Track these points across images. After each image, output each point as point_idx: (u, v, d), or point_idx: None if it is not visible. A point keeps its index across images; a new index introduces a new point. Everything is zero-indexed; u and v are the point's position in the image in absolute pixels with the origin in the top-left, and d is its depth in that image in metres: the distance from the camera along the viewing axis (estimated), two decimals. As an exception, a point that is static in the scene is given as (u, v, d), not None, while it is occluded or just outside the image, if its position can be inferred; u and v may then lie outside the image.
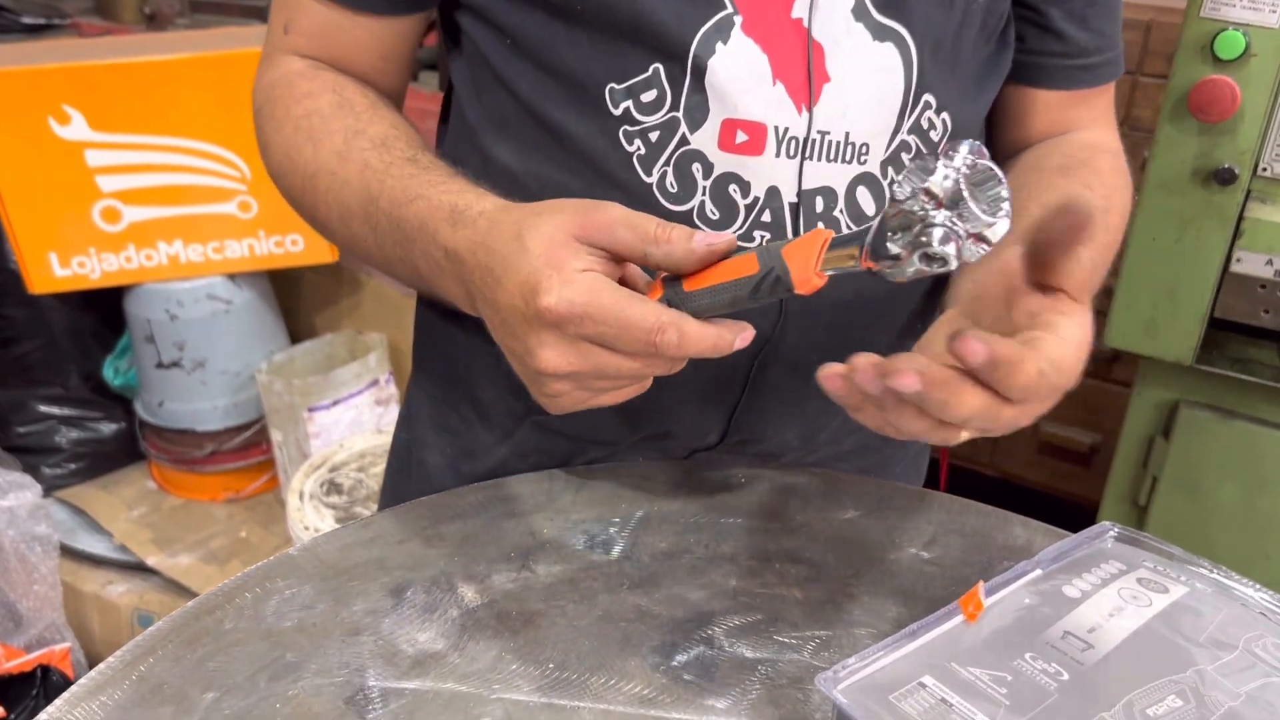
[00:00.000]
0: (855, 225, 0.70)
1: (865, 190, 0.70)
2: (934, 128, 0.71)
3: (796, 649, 0.61)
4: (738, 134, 0.67)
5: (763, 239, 0.69)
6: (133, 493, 2.12)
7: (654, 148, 0.68)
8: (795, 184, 0.68)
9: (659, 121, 0.67)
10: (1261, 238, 1.17)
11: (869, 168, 0.69)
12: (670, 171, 0.68)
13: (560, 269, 0.54)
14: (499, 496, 0.74)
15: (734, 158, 0.67)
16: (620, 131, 0.68)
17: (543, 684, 0.58)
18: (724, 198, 0.68)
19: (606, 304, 0.54)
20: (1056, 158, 0.77)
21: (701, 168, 0.68)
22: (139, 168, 1.83)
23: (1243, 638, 0.60)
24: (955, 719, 0.50)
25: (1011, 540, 0.72)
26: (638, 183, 0.68)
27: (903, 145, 0.70)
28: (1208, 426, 1.29)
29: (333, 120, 0.70)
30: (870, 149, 0.69)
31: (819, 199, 0.69)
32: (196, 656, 0.58)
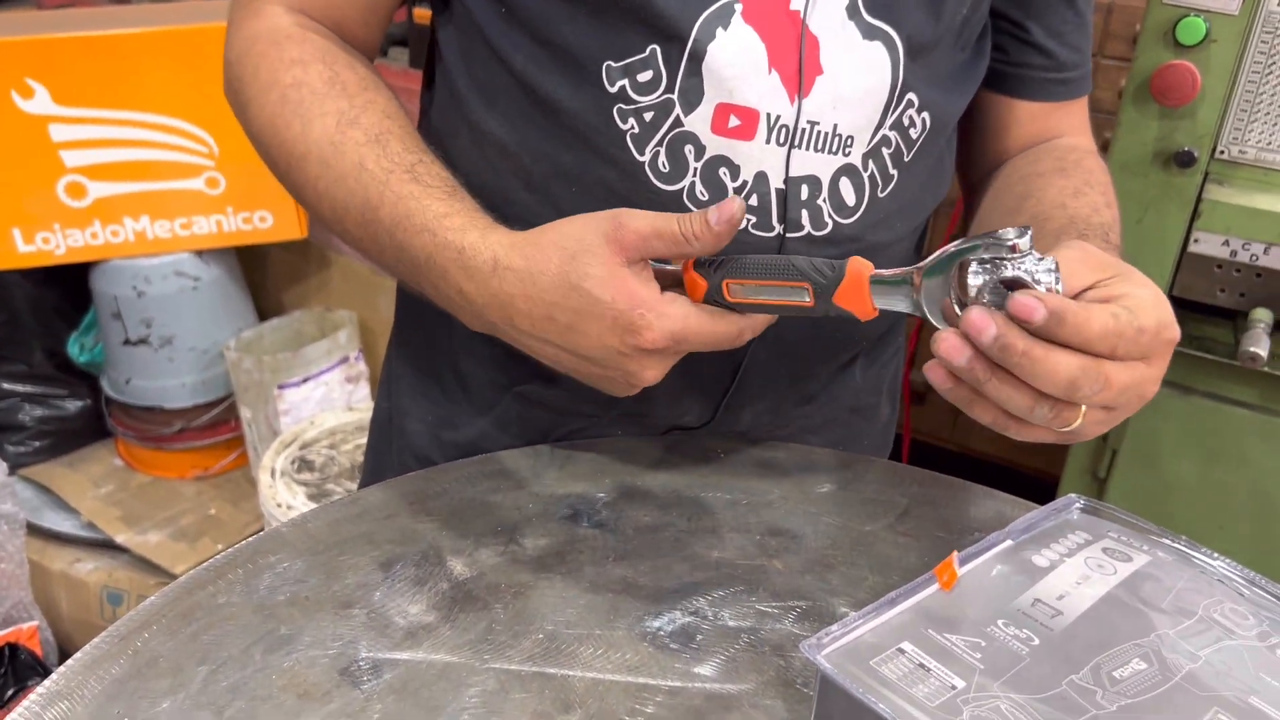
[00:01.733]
0: (836, 214, 0.72)
1: (847, 181, 0.72)
2: (914, 125, 0.73)
3: (778, 618, 0.63)
4: (731, 118, 0.68)
5: (749, 222, 0.70)
6: (100, 470, 2.11)
7: (648, 127, 0.69)
8: (783, 170, 0.70)
9: (654, 102, 0.68)
10: (1219, 219, 1.20)
11: (852, 159, 0.71)
12: (663, 151, 0.69)
13: (646, 305, 0.60)
14: (484, 472, 0.76)
15: (725, 141, 0.69)
16: (615, 109, 0.69)
17: (533, 654, 0.59)
18: (714, 180, 0.70)
19: (699, 328, 0.62)
20: (1050, 162, 0.81)
21: (694, 149, 0.69)
22: (105, 143, 1.81)
23: (1202, 604, 0.63)
24: (933, 682, 0.52)
25: (981, 512, 0.75)
26: (630, 161, 0.70)
27: (883, 140, 0.72)
28: (1165, 402, 1.33)
29: (325, 100, 0.70)
30: (855, 141, 0.71)
31: (804, 187, 0.70)
32: (191, 630, 0.59)
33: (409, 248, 0.66)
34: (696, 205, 0.70)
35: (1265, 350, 1.17)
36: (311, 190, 0.70)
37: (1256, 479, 1.33)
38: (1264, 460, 1.32)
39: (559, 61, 0.69)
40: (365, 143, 0.68)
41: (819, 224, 0.72)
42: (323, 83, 0.71)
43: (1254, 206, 1.19)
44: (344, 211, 0.69)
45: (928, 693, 0.51)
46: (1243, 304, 1.23)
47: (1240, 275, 1.22)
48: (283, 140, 0.71)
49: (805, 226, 0.71)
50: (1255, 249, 1.20)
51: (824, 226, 0.72)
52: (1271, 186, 1.22)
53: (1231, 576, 0.66)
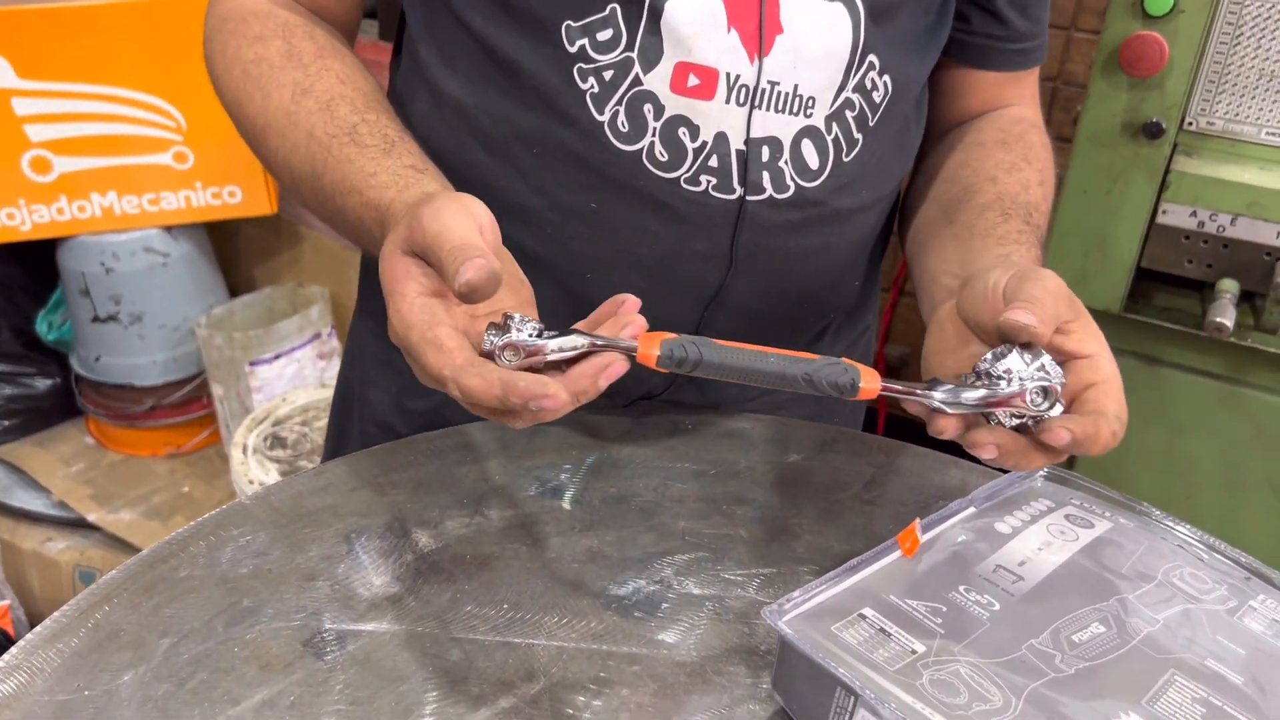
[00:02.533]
0: (799, 177, 0.72)
1: (810, 143, 0.71)
2: (876, 89, 0.73)
3: (742, 585, 0.63)
4: (690, 77, 0.68)
5: (709, 184, 0.70)
6: (70, 449, 2.09)
7: (607, 86, 0.68)
8: (744, 131, 0.69)
9: (613, 61, 0.68)
10: (1186, 190, 1.21)
11: (814, 121, 0.71)
12: (622, 111, 0.69)
13: (395, 289, 0.56)
14: (450, 445, 0.75)
15: (685, 101, 0.68)
16: (575, 69, 0.68)
17: (498, 624, 0.59)
18: (673, 140, 0.69)
19: (412, 340, 0.54)
20: (994, 133, 0.82)
21: (653, 109, 0.69)
22: (70, 117, 1.78)
23: (1161, 568, 0.63)
24: (894, 647, 0.53)
25: (947, 480, 0.75)
26: (589, 120, 0.69)
27: (847, 103, 0.72)
28: (1133, 373, 1.34)
29: (281, 72, 0.70)
30: (816, 103, 0.70)
31: (765, 148, 0.70)
32: (152, 603, 0.59)
33: (345, 211, 0.65)
34: (655, 165, 0.70)
35: (1231, 321, 1.18)
36: (275, 163, 0.71)
37: (1224, 449, 1.35)
38: (1231, 430, 1.33)
39: (518, 21, 0.69)
40: (316, 110, 0.68)
41: (780, 186, 0.71)
42: (280, 56, 0.71)
43: (1221, 178, 1.20)
44: (300, 181, 0.69)
45: (888, 657, 0.52)
46: (1210, 275, 1.24)
47: (1207, 246, 1.22)
48: (246, 115, 0.72)
49: (767, 189, 0.71)
50: (1222, 220, 1.20)
51: (785, 189, 0.72)
52: (1239, 158, 1.23)
53: (1192, 542, 0.67)
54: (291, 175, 0.70)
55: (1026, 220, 0.73)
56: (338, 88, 0.69)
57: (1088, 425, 0.57)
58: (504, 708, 0.54)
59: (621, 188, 0.71)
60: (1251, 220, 1.19)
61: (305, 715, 0.52)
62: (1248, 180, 1.19)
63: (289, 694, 0.54)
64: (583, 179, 0.71)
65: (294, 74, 0.70)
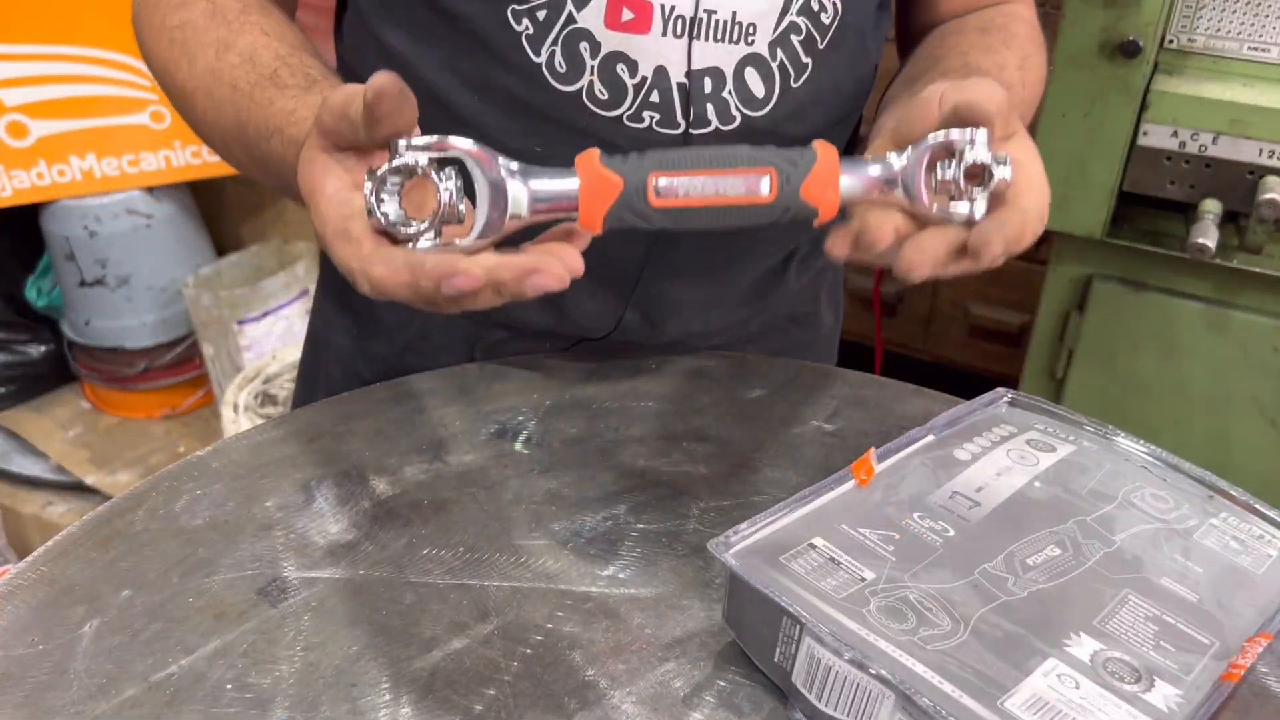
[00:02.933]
0: (744, 107, 0.71)
1: (754, 71, 0.70)
2: (824, 10, 0.70)
3: (699, 520, 0.63)
4: (624, 11, 0.66)
5: (652, 119, 0.69)
6: (67, 413, 2.11)
7: (542, 26, 0.67)
8: (684, 64, 0.68)
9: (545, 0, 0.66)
10: (1167, 110, 1.19)
11: (757, 49, 0.69)
12: (559, 51, 0.68)
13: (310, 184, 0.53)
14: (410, 392, 0.75)
15: (621, 36, 0.67)
16: (509, 10, 0.67)
17: (453, 566, 0.59)
18: (612, 77, 0.68)
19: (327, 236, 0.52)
20: (976, 21, 0.79)
21: (589, 46, 0.67)
22: (43, 79, 1.76)
23: (1122, 490, 0.63)
24: (843, 575, 0.52)
25: (910, 410, 0.75)
26: (527, 63, 0.68)
27: (791, 27, 0.70)
28: (1120, 299, 1.33)
29: (205, 33, 0.69)
30: (758, 29, 0.69)
31: (707, 80, 0.69)
32: (108, 558, 0.59)
33: (269, 156, 0.63)
34: (596, 104, 0.68)
35: (1214, 241, 1.16)
36: (204, 126, 0.70)
37: (1212, 372, 1.34)
38: (1218, 352, 1.32)
39: None
40: (239, 64, 0.66)
41: (726, 118, 0.70)
42: (204, 17, 0.69)
43: (1203, 95, 1.17)
44: (227, 138, 0.67)
45: (835, 585, 0.52)
46: (1193, 196, 1.22)
47: (1190, 167, 1.20)
48: (175, 83, 0.71)
49: (712, 121, 0.70)
50: (1204, 139, 1.18)
51: (731, 120, 0.70)
52: (1221, 75, 1.20)
53: (1156, 463, 0.66)
54: (219, 134, 0.68)
55: None
56: (261, 39, 0.67)
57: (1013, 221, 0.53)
58: (456, 649, 0.54)
59: (564, 128, 0.69)
60: (1233, 139, 1.17)
61: (258, 662, 0.53)
62: (1229, 97, 1.17)
63: (242, 642, 0.54)
64: (525, 122, 0.70)
65: (218, 32, 0.68)
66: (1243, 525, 0.61)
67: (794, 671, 0.50)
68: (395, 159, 0.50)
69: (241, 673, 0.52)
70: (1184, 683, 0.49)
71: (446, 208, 0.50)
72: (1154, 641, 0.51)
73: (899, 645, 0.48)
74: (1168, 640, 0.51)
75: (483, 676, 0.52)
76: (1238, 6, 1.18)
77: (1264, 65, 1.19)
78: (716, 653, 0.54)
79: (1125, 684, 0.48)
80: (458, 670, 0.52)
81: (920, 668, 0.47)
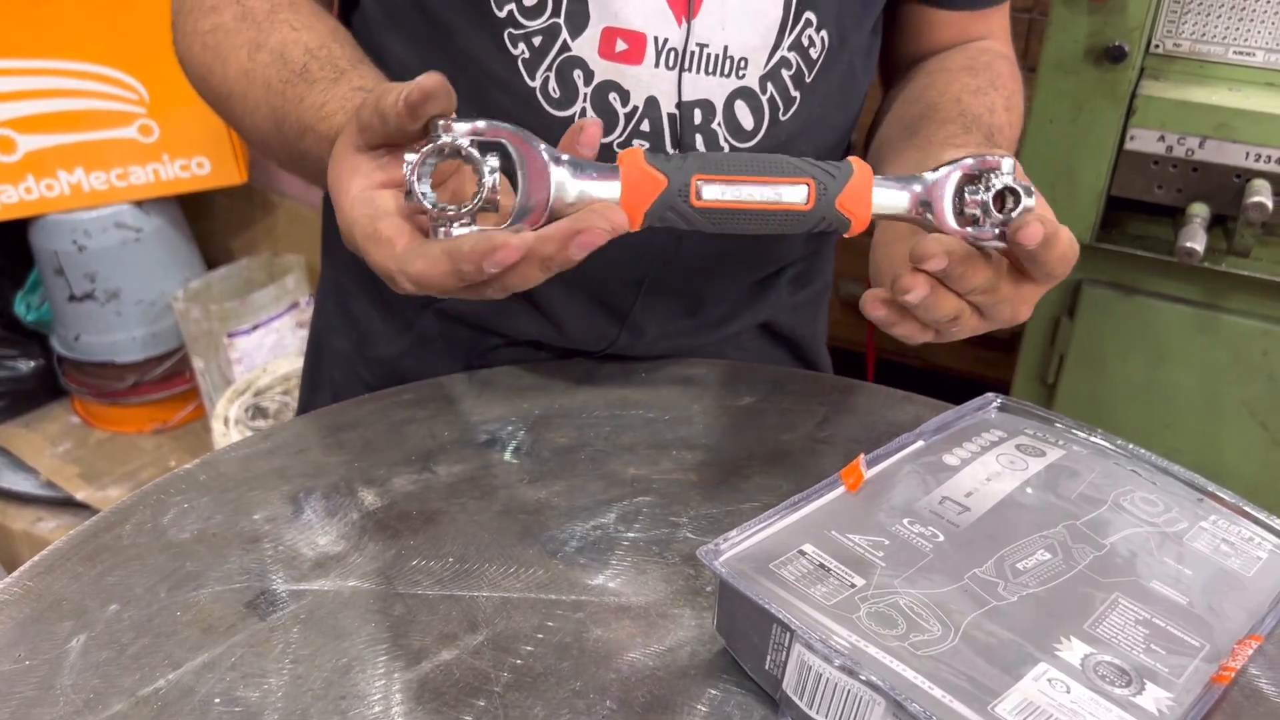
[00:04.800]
0: (733, 138, 0.71)
1: (743, 104, 0.70)
2: (814, 45, 0.71)
3: (690, 529, 0.63)
4: (618, 42, 0.67)
5: (641, 148, 0.69)
6: (57, 429, 2.10)
7: (537, 52, 0.68)
8: (674, 95, 0.68)
9: (541, 26, 0.67)
10: (1154, 114, 1.19)
11: (747, 82, 0.70)
12: (553, 77, 0.68)
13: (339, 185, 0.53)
14: (400, 401, 0.75)
15: (614, 66, 0.67)
16: (505, 34, 0.67)
17: (442, 577, 0.59)
18: (604, 105, 0.68)
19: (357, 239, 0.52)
20: (960, 59, 0.80)
21: (582, 74, 0.68)
22: (30, 94, 1.76)
23: (1112, 493, 0.63)
24: (833, 581, 0.52)
25: (900, 416, 0.74)
26: (521, 86, 0.68)
27: (783, 62, 0.70)
28: (1109, 303, 1.33)
29: (236, 35, 0.69)
30: (749, 63, 0.69)
31: (697, 111, 0.69)
32: (96, 572, 0.59)
33: (306, 154, 0.63)
34: None
35: (1201, 245, 1.16)
36: (243, 129, 0.70)
37: (1201, 375, 1.34)
38: (1208, 356, 1.32)
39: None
40: (270, 63, 0.66)
41: (714, 148, 0.71)
42: (234, 20, 0.70)
43: (1189, 100, 1.18)
44: (266, 139, 0.67)
45: (826, 592, 0.51)
46: (1180, 200, 1.22)
47: (1177, 171, 1.21)
48: (211, 87, 0.71)
49: None
50: (1191, 143, 1.19)
51: (720, 151, 0.70)
52: (1206, 79, 1.21)
53: (1144, 466, 0.66)
54: (258, 136, 0.68)
55: (989, 139, 0.71)
56: (290, 35, 0.67)
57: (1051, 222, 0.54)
58: (445, 660, 0.53)
59: None
60: (1220, 142, 1.18)
61: (247, 675, 0.52)
62: (1216, 101, 1.17)
63: (230, 655, 0.53)
64: None
65: (248, 34, 0.69)
66: (1232, 528, 0.61)
67: (785, 679, 0.50)
68: (439, 138, 0.49)
69: (230, 686, 0.52)
70: (1175, 685, 0.49)
71: (489, 191, 0.49)
72: (1144, 645, 0.51)
73: (889, 651, 0.48)
74: (1158, 643, 0.51)
75: (473, 688, 0.52)
76: (1222, 11, 1.18)
77: (1249, 69, 1.20)
78: (707, 661, 0.54)
79: (1116, 687, 0.48)
80: (447, 681, 0.52)
81: (911, 674, 0.47)
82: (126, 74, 1.78)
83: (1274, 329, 1.27)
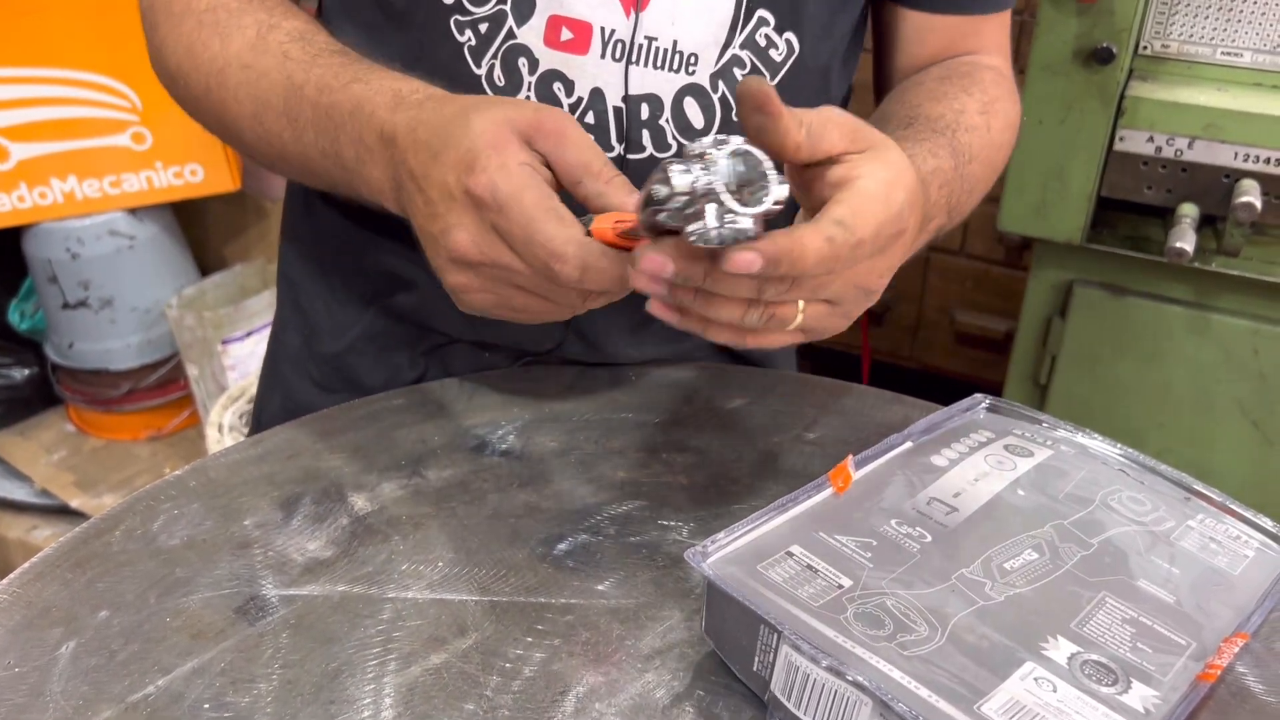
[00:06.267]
0: (681, 135, 0.70)
1: (693, 101, 0.70)
2: (774, 46, 0.70)
3: (679, 531, 0.63)
4: (563, 31, 0.67)
5: None
6: (51, 436, 2.09)
7: (483, 39, 0.68)
8: (621, 88, 0.68)
9: (487, 13, 0.67)
10: (1143, 115, 1.20)
11: (697, 79, 0.69)
12: (498, 65, 0.68)
13: (500, 152, 0.52)
14: (390, 407, 0.75)
15: (559, 55, 0.67)
16: (452, 21, 0.68)
17: (432, 581, 0.59)
18: (548, 95, 0.68)
19: (526, 204, 0.51)
20: (937, 70, 0.78)
21: (527, 63, 0.68)
22: (22, 102, 1.76)
23: (1100, 493, 0.63)
24: (820, 582, 0.52)
25: (889, 417, 0.75)
26: (468, 74, 0.68)
27: (735, 60, 0.70)
28: (1100, 304, 1.33)
29: (242, 15, 0.68)
30: (700, 60, 0.69)
31: (645, 106, 0.69)
32: (86, 579, 0.59)
33: (336, 105, 0.61)
34: None
35: (1191, 245, 1.17)
36: (232, 100, 0.67)
37: (1194, 374, 1.34)
38: (1200, 355, 1.33)
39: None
40: (289, 40, 0.66)
41: (662, 145, 0.70)
42: (238, 1, 0.69)
43: (1178, 100, 1.18)
44: (264, 106, 0.65)
45: (813, 593, 0.52)
46: (1170, 200, 1.23)
47: (1166, 171, 1.21)
48: (198, 62, 0.69)
49: (647, 148, 0.70)
50: (1180, 144, 1.19)
51: (667, 148, 0.70)
52: (1195, 80, 1.21)
53: (1133, 466, 0.66)
54: (255, 106, 0.66)
55: (950, 139, 0.67)
56: (308, 26, 0.67)
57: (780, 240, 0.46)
58: (435, 664, 0.53)
59: None
60: (1209, 143, 1.18)
61: (236, 681, 0.52)
62: (1204, 102, 1.18)
63: (220, 661, 0.54)
64: None
65: (257, 14, 0.68)
66: (1219, 526, 0.61)
67: (773, 680, 0.50)
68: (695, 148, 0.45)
69: (219, 692, 0.52)
70: (1161, 684, 0.49)
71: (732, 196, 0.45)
72: (1131, 643, 0.51)
73: (876, 652, 0.48)
74: (1145, 642, 0.51)
75: (462, 692, 0.52)
76: (1210, 13, 1.19)
77: (1237, 70, 1.20)
78: (696, 663, 0.54)
79: (1102, 686, 0.48)
80: (437, 686, 0.52)
81: (897, 674, 0.47)
82: (119, 81, 1.78)
83: (1264, 328, 1.28)
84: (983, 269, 2.22)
